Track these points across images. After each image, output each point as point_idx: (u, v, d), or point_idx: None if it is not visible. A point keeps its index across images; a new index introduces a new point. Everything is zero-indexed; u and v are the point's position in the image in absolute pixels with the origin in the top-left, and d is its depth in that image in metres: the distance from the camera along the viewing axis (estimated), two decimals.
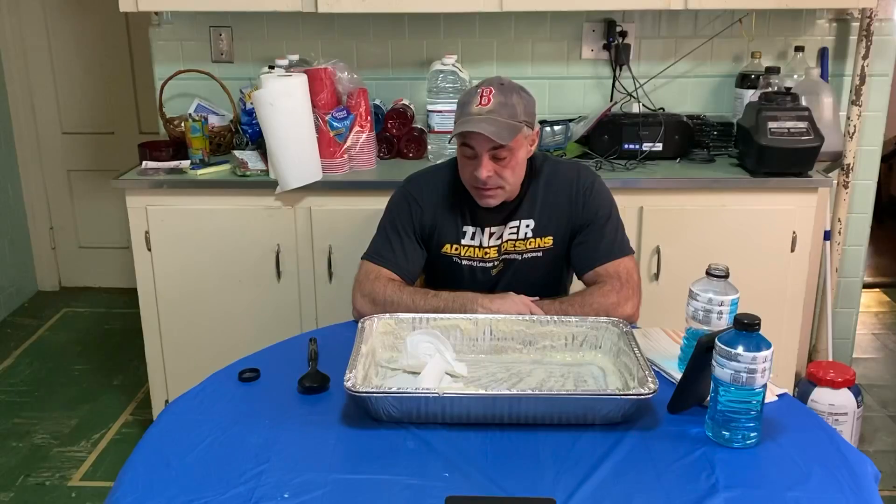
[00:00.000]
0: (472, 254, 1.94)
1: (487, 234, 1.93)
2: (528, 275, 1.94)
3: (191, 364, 2.63)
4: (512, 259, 1.94)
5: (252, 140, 2.77)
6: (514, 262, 1.94)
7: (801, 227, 2.57)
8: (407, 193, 1.97)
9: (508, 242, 1.93)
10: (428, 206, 1.94)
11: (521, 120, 1.80)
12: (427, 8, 2.63)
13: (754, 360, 1.32)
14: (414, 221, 1.94)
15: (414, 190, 1.97)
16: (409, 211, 1.95)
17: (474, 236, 1.93)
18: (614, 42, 2.87)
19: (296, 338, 1.79)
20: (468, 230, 1.93)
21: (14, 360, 3.50)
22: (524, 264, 1.94)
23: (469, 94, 1.83)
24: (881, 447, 2.87)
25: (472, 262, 1.95)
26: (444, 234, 1.94)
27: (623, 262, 1.88)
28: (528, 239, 1.93)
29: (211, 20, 2.94)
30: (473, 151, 1.80)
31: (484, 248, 1.94)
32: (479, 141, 1.78)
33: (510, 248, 1.93)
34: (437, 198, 1.95)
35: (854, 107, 2.86)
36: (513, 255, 1.93)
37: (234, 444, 1.38)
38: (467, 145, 1.81)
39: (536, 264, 1.94)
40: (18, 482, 2.65)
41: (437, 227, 1.94)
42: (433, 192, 1.95)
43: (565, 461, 1.32)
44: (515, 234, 1.93)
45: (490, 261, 1.94)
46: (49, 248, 4.23)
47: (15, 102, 3.98)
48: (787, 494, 1.25)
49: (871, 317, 3.97)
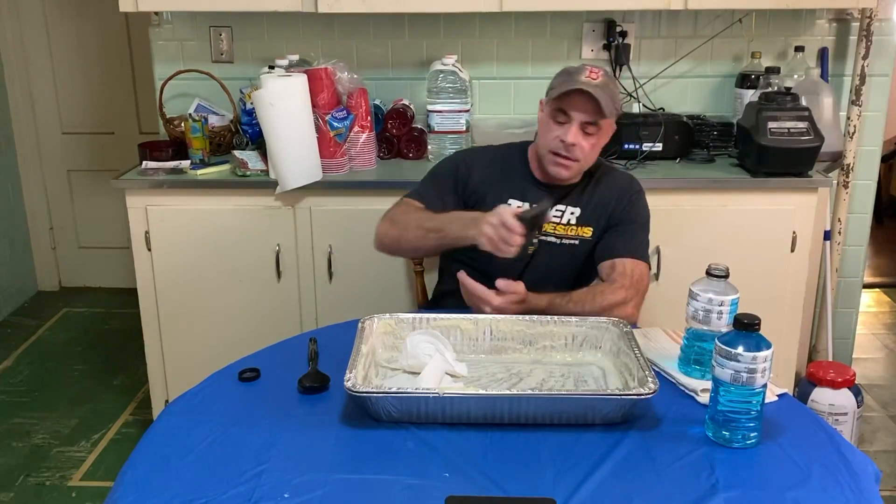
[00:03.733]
0: None
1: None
2: (562, 262, 1.97)
3: (191, 364, 2.63)
4: (549, 242, 1.97)
5: (252, 140, 2.77)
6: (550, 245, 1.97)
7: (801, 227, 2.57)
8: (458, 156, 2.08)
9: (549, 224, 1.97)
10: (477, 171, 2.02)
11: (616, 107, 1.90)
12: (427, 8, 2.63)
13: (754, 360, 1.32)
14: (458, 179, 2.01)
15: (466, 156, 2.08)
16: (455, 169, 2.03)
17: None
18: (614, 42, 2.87)
19: (296, 338, 1.79)
20: (514, 203, 1.97)
21: (14, 360, 3.50)
22: (560, 249, 1.97)
23: (576, 67, 1.91)
24: (881, 447, 2.87)
25: None
26: (485, 199, 1.99)
27: (639, 265, 1.92)
28: (571, 225, 1.98)
29: (211, 20, 2.94)
30: (567, 118, 1.87)
31: None
32: (579, 107, 1.85)
33: (549, 230, 1.97)
34: (489, 167, 2.02)
35: (854, 107, 2.86)
36: (550, 238, 1.97)
37: (234, 444, 1.38)
38: (563, 111, 1.87)
39: (572, 253, 1.98)
40: (18, 482, 2.65)
41: (481, 194, 2.00)
42: (485, 162, 2.04)
43: (565, 461, 1.32)
44: (559, 219, 1.98)
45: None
46: (49, 248, 4.23)
47: (15, 102, 3.98)
48: (787, 494, 1.25)
49: (871, 317, 3.97)
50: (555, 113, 1.89)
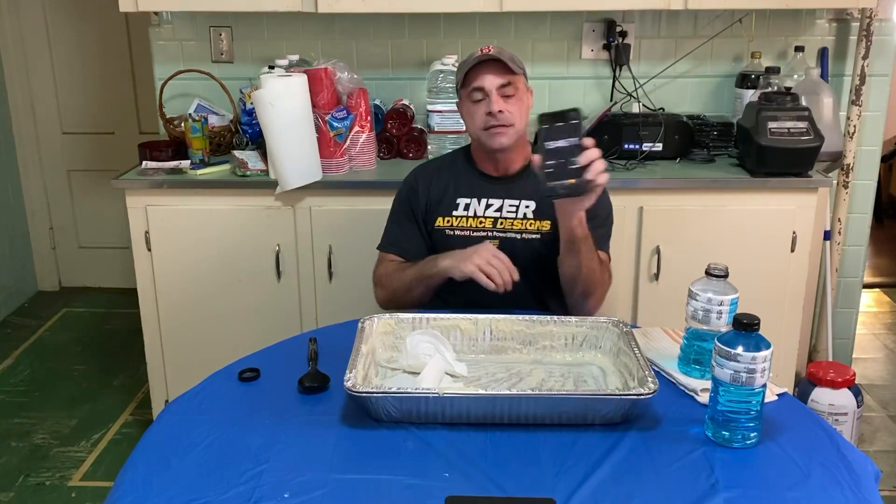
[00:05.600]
0: (464, 223, 1.98)
1: (484, 205, 1.98)
2: (527, 257, 1.95)
3: (191, 364, 2.63)
4: (510, 238, 1.96)
5: (252, 140, 2.77)
6: (513, 242, 1.96)
7: (801, 227, 2.57)
8: (407, 181, 2.10)
9: (506, 220, 1.96)
10: (423, 187, 2.04)
11: (520, 65, 1.93)
12: (427, 8, 2.63)
13: (754, 360, 1.32)
14: (410, 205, 2.04)
15: (412, 177, 2.10)
16: (406, 199, 2.06)
17: (468, 207, 1.99)
18: (614, 42, 2.88)
19: (296, 338, 1.79)
20: (461, 201, 1.99)
21: (14, 360, 3.50)
22: (523, 245, 1.96)
23: (470, 54, 1.95)
24: (881, 447, 2.87)
25: (466, 231, 1.97)
26: (437, 209, 2.01)
27: (605, 256, 1.96)
28: (528, 220, 1.96)
29: (211, 20, 2.94)
30: (482, 93, 1.89)
31: (478, 218, 1.97)
32: (488, 77, 1.88)
33: (508, 227, 1.96)
34: (432, 177, 2.05)
35: (854, 107, 2.86)
36: (510, 234, 1.96)
37: (234, 444, 1.38)
38: (476, 89, 1.90)
39: (535, 246, 1.96)
40: (18, 482, 2.65)
41: (430, 203, 2.02)
42: (428, 174, 2.07)
43: (565, 461, 1.32)
44: (514, 213, 1.97)
45: (484, 230, 1.96)
46: (49, 248, 4.23)
47: (15, 102, 3.98)
48: (787, 494, 1.25)
49: (871, 317, 3.97)
50: (470, 95, 1.92)
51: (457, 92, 1.99)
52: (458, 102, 2.00)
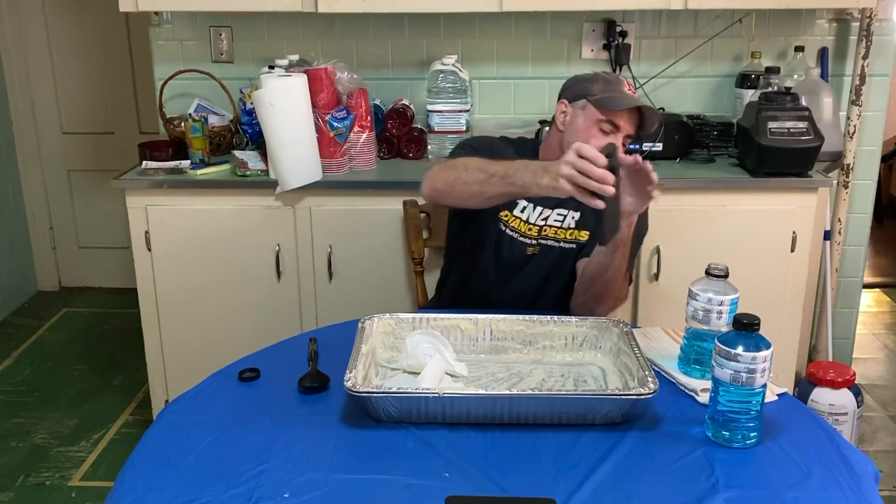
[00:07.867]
0: (517, 225, 1.98)
1: (538, 213, 1.98)
2: (558, 265, 1.97)
3: (191, 364, 2.63)
4: (550, 245, 1.97)
5: (252, 140, 2.77)
6: (551, 250, 1.97)
7: (801, 227, 2.57)
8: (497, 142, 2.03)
9: (551, 228, 1.97)
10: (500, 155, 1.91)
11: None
12: (427, 8, 2.63)
13: (754, 360, 1.32)
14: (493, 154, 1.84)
15: (502, 142, 2.04)
16: (490, 145, 1.98)
17: (524, 210, 1.98)
18: (614, 42, 2.87)
19: (296, 338, 1.79)
20: (521, 202, 1.98)
21: (14, 360, 3.50)
22: (560, 253, 1.97)
23: (611, 76, 1.94)
24: (881, 447, 2.87)
25: (515, 233, 1.98)
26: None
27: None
28: (570, 230, 1.98)
29: (211, 20, 2.94)
30: (612, 128, 1.86)
31: (529, 224, 1.98)
32: (629, 121, 1.86)
33: (550, 234, 1.97)
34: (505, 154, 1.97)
35: (854, 107, 2.86)
36: (550, 242, 1.97)
37: (234, 444, 1.38)
38: (612, 123, 1.85)
39: (570, 255, 1.98)
40: (18, 482, 2.65)
41: None
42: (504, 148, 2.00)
43: (565, 461, 1.32)
44: (560, 222, 1.98)
45: (529, 238, 1.98)
46: (49, 248, 4.23)
47: (15, 102, 3.98)
48: (787, 494, 1.25)
49: (871, 317, 3.97)
50: (601, 122, 1.86)
51: (576, 98, 1.91)
52: (571, 108, 1.92)
